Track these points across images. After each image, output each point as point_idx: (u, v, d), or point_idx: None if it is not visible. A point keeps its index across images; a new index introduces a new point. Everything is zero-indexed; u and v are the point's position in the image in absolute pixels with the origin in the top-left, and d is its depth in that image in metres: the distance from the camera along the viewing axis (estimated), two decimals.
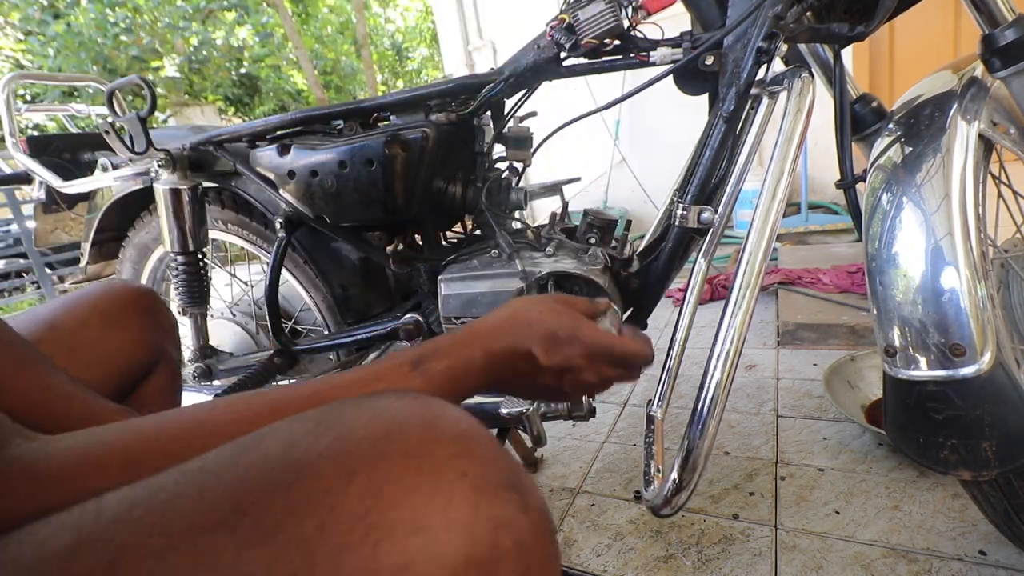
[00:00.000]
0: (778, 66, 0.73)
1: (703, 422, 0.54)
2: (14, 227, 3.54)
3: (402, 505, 0.23)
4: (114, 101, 0.94)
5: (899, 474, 0.99)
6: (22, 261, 3.99)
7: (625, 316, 0.77)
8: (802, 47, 0.81)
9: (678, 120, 2.90)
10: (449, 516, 0.24)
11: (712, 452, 0.56)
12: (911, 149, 0.66)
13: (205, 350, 1.09)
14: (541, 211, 3.28)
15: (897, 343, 0.61)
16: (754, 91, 0.70)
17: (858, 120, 0.83)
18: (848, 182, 0.74)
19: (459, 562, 0.23)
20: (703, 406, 0.55)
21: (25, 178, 1.27)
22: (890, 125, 0.71)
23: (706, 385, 0.56)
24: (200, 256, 1.03)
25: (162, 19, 8.34)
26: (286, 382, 1.01)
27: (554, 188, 2.92)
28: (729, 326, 0.55)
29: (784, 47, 0.68)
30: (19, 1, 7.50)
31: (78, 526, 0.25)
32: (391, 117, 0.84)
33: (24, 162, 1.20)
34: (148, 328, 0.63)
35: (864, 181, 0.71)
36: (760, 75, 0.67)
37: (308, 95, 10.58)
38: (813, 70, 0.79)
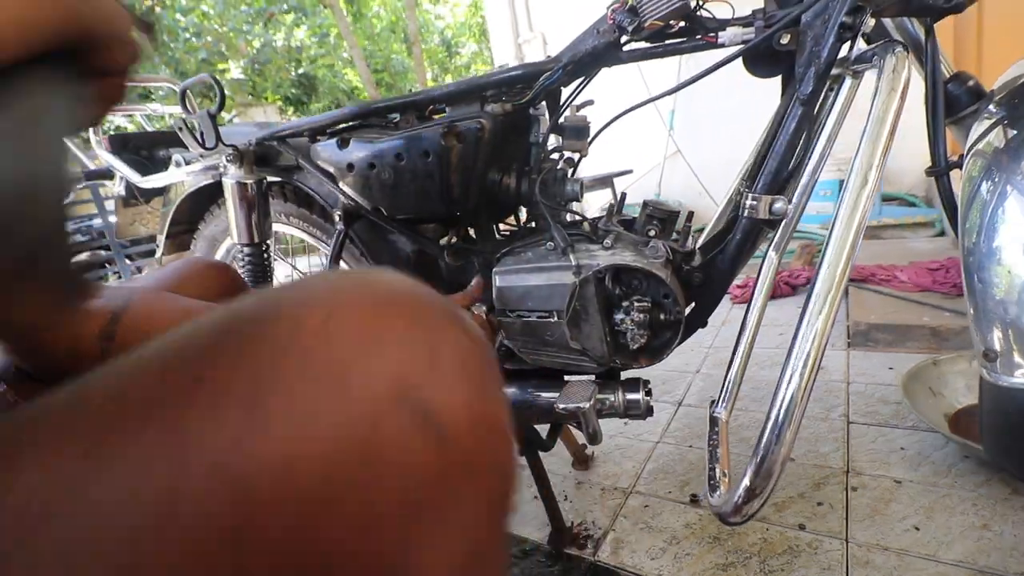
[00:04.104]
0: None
1: (779, 428, 0.50)
2: (97, 221, 3.82)
3: (357, 321, 0.23)
4: (186, 100, 0.98)
5: (988, 490, 0.91)
6: (104, 253, 4.32)
7: (687, 312, 0.73)
8: (887, 22, 0.75)
9: (735, 109, 2.77)
10: (398, 330, 0.23)
11: None
12: (1015, 132, 0.59)
13: None
14: (591, 205, 3.23)
15: (998, 346, 0.56)
16: (835, 71, 0.64)
17: (952, 101, 0.75)
18: (941, 169, 0.68)
19: (405, 353, 0.23)
20: (779, 411, 0.51)
21: (107, 174, 1.36)
22: (990, 107, 0.64)
23: (782, 389, 0.52)
24: (264, 247, 1.07)
25: (227, 23, 8.77)
26: None
27: (605, 181, 2.87)
28: (809, 327, 0.51)
29: (870, 22, 0.63)
30: None
31: (37, 420, 0.23)
32: (446, 109, 0.84)
33: (107, 159, 1.28)
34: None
35: (959, 168, 0.65)
36: (842, 53, 0.62)
37: (361, 92, 10.87)
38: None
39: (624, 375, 0.82)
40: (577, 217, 0.82)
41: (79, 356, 0.46)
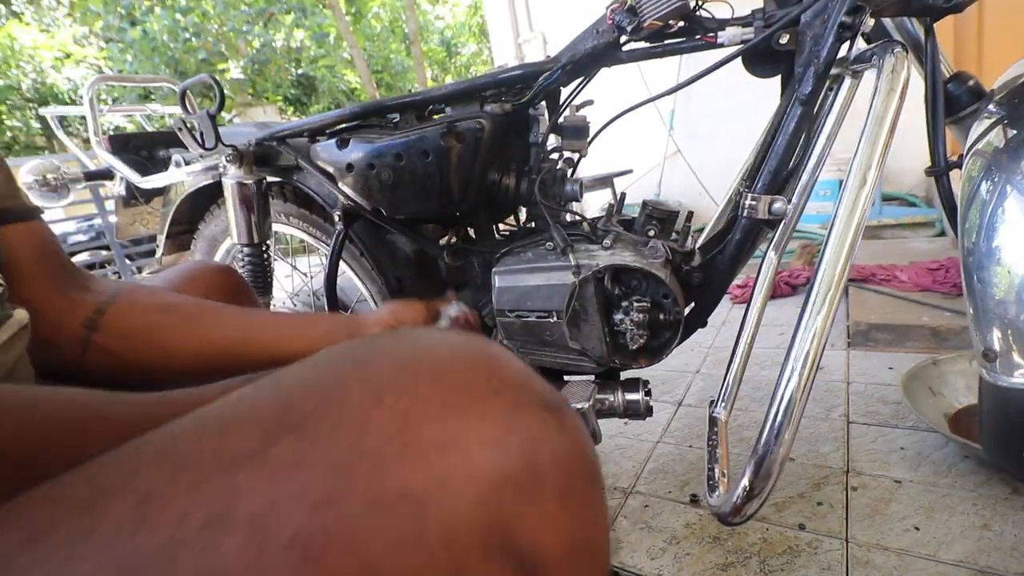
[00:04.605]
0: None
1: (778, 428, 0.50)
2: (97, 221, 3.81)
3: (433, 423, 0.22)
4: (186, 100, 0.98)
5: (988, 490, 0.91)
6: (104, 253, 4.32)
7: (686, 312, 0.73)
8: (887, 21, 0.75)
9: (735, 109, 2.77)
10: (483, 432, 0.22)
11: None
12: (1015, 132, 0.59)
13: None
14: (591, 205, 3.23)
15: (997, 346, 0.56)
16: (834, 71, 0.64)
17: (951, 101, 0.75)
18: (941, 169, 0.68)
19: (495, 477, 0.21)
20: (777, 411, 0.51)
21: (107, 174, 1.36)
22: (990, 106, 0.64)
23: (781, 389, 0.52)
24: (264, 248, 1.07)
25: (227, 23, 8.78)
26: None
27: (605, 181, 2.86)
28: (808, 327, 0.51)
29: (870, 22, 0.63)
30: (101, 11, 8.08)
31: (98, 476, 0.24)
32: (446, 109, 0.84)
33: (107, 159, 1.28)
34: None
35: (958, 168, 0.65)
36: (842, 53, 0.62)
37: (361, 92, 10.87)
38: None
39: (624, 375, 0.82)
40: (577, 217, 0.82)
41: (57, 343, 0.47)
